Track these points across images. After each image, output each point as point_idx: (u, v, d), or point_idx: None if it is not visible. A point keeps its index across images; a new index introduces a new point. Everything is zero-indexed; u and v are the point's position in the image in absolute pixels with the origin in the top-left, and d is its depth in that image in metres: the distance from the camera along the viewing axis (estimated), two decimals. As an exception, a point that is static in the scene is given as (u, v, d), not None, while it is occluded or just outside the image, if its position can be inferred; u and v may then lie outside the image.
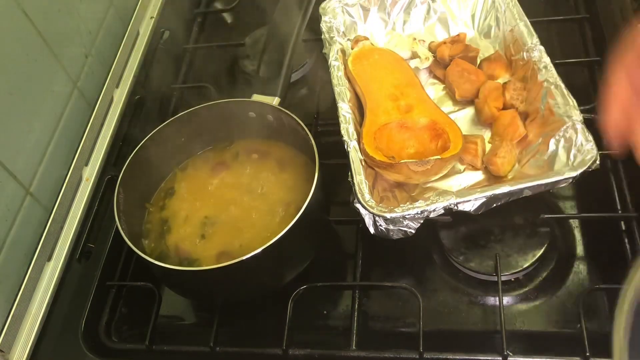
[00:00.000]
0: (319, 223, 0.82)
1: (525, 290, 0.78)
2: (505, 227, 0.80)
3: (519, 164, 0.82)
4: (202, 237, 0.80)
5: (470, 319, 0.77)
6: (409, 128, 0.85)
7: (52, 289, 0.84)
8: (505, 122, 0.84)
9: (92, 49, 1.02)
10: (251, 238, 0.78)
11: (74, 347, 0.79)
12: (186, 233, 0.81)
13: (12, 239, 0.81)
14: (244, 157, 0.88)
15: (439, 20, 1.02)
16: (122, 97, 1.05)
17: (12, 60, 0.83)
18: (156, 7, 1.19)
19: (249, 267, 0.69)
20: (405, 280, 0.80)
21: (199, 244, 0.80)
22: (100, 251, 0.86)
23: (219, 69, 1.13)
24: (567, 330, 0.74)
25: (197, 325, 0.85)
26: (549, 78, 0.82)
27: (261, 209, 0.81)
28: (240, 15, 1.23)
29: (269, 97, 0.86)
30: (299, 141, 0.81)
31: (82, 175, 0.95)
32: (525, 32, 0.89)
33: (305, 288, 0.78)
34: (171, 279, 0.78)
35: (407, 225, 0.75)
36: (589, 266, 0.79)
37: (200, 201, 0.84)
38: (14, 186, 0.82)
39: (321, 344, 0.76)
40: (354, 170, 0.78)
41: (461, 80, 0.91)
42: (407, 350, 0.72)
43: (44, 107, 0.90)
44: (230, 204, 0.83)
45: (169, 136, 0.85)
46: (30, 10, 0.86)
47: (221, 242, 0.79)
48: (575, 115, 0.77)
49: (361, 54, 0.94)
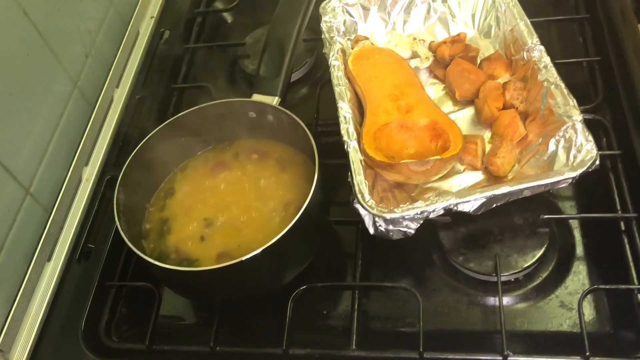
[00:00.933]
0: (319, 223, 0.82)
1: (525, 290, 0.78)
2: (505, 227, 0.80)
3: (518, 164, 0.82)
4: (202, 237, 0.80)
5: (470, 319, 0.77)
6: (409, 128, 0.85)
7: (52, 289, 0.84)
8: (505, 122, 0.84)
9: (92, 49, 1.02)
10: (251, 238, 0.78)
11: (74, 347, 0.79)
12: (186, 233, 0.81)
13: (12, 239, 0.81)
14: (244, 157, 0.88)
15: (439, 20, 1.02)
16: (122, 97, 1.05)
17: (12, 60, 0.83)
18: (156, 7, 1.19)
19: (249, 267, 0.69)
20: (405, 280, 0.80)
21: (199, 244, 0.80)
22: (100, 251, 0.86)
23: (219, 69, 1.14)
24: (567, 330, 0.74)
25: (197, 325, 0.85)
26: (549, 78, 0.82)
27: (261, 209, 0.81)
28: (240, 15, 1.23)
29: (269, 97, 0.86)
30: (299, 141, 0.81)
31: (82, 176, 0.95)
32: (526, 31, 0.89)
33: (305, 288, 0.78)
34: (171, 279, 0.78)
35: (406, 225, 0.75)
36: (589, 266, 0.79)
37: (200, 201, 0.84)
38: (14, 186, 0.82)
39: (321, 344, 0.76)
40: (354, 171, 0.78)
41: (461, 80, 0.91)
42: (407, 350, 0.72)
43: (44, 107, 0.90)
44: (230, 204, 0.83)
45: (169, 136, 0.85)
46: (30, 10, 0.86)
47: (221, 242, 0.79)
48: (575, 115, 0.77)
49: (361, 53, 0.94)
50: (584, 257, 0.79)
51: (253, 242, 0.76)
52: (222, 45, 1.17)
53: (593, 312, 0.75)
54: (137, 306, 0.85)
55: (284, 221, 0.78)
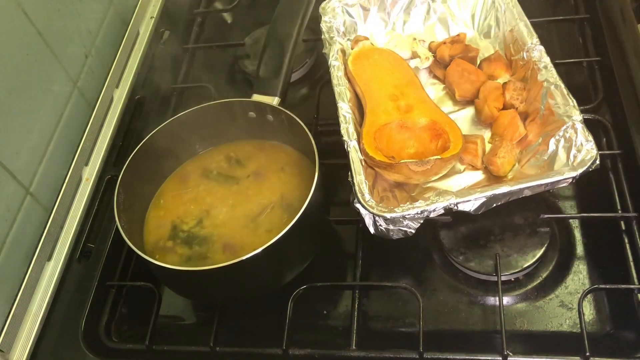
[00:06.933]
0: (319, 223, 0.82)
1: (525, 290, 0.78)
2: (505, 227, 0.80)
3: (519, 164, 0.82)
4: (202, 237, 0.80)
5: (470, 319, 0.77)
6: (409, 128, 0.85)
7: (52, 289, 0.84)
8: (505, 122, 0.84)
9: (92, 49, 1.02)
10: (251, 238, 0.78)
11: (74, 347, 0.79)
12: (186, 233, 0.81)
13: (12, 239, 0.81)
14: (244, 157, 0.88)
15: (439, 20, 1.02)
16: (122, 97, 1.05)
17: (12, 60, 0.83)
18: (156, 7, 1.19)
19: (249, 267, 0.69)
20: (405, 280, 0.80)
21: (198, 244, 0.80)
22: (100, 251, 0.86)
23: (219, 69, 1.14)
24: (567, 330, 0.74)
25: (197, 325, 0.85)
26: (549, 78, 0.82)
27: (261, 209, 0.81)
28: (240, 15, 1.23)
29: (269, 97, 0.86)
30: (299, 141, 0.81)
31: (82, 175, 0.95)
32: (525, 32, 0.89)
33: (305, 288, 0.78)
34: (171, 279, 0.78)
35: (407, 225, 0.75)
36: (589, 266, 0.79)
37: (201, 201, 0.84)
38: (14, 186, 0.82)
39: (321, 344, 0.76)
40: (354, 170, 0.78)
41: (461, 80, 0.91)
42: (407, 350, 0.72)
43: (44, 107, 0.90)
44: (230, 203, 0.83)
45: (169, 136, 0.85)
46: (30, 10, 0.86)
47: (221, 242, 0.79)
48: (575, 115, 0.77)
49: (361, 54, 0.94)
50: (584, 257, 0.80)
51: (253, 242, 0.77)
52: (222, 45, 1.17)
53: (593, 312, 0.75)
54: (137, 306, 0.85)
55: (284, 221, 0.78)
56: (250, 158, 0.88)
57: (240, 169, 0.87)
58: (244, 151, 0.89)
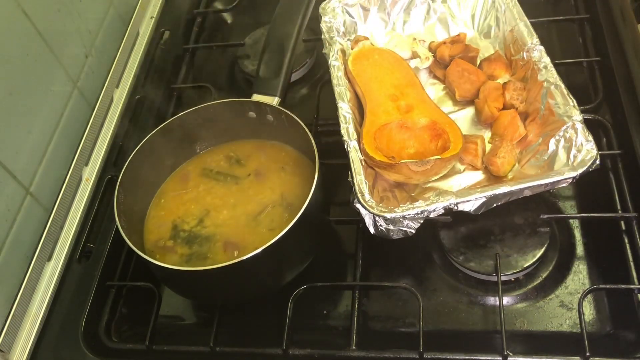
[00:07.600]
0: (319, 223, 0.82)
1: (525, 290, 0.78)
2: (505, 227, 0.80)
3: (519, 164, 0.82)
4: (204, 236, 0.80)
5: (470, 319, 0.77)
6: (409, 128, 0.85)
7: (52, 289, 0.84)
8: (505, 122, 0.84)
9: (92, 49, 1.02)
10: (252, 236, 0.78)
11: (74, 347, 0.79)
12: (187, 232, 0.81)
13: (12, 239, 0.81)
14: (244, 157, 0.88)
15: (439, 20, 1.02)
16: (122, 97, 1.05)
17: (12, 60, 0.83)
18: (156, 7, 1.19)
19: (249, 267, 0.69)
20: (405, 280, 0.80)
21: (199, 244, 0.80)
22: (100, 251, 0.86)
23: (219, 69, 1.14)
24: (567, 330, 0.74)
25: (197, 325, 0.85)
26: (549, 78, 0.82)
27: (261, 209, 0.81)
28: (240, 15, 1.23)
29: (269, 97, 0.86)
30: (299, 141, 0.81)
31: (82, 175, 0.95)
32: (525, 32, 0.89)
33: (305, 288, 0.78)
34: (171, 279, 0.78)
35: (407, 225, 0.75)
36: (589, 266, 0.79)
37: (201, 200, 0.84)
38: (14, 186, 0.82)
39: (321, 344, 0.76)
40: (354, 170, 0.78)
41: (461, 80, 0.91)
42: (407, 350, 0.72)
43: (44, 107, 0.90)
44: (230, 203, 0.83)
45: (169, 136, 0.85)
46: (30, 10, 0.86)
47: (222, 241, 0.79)
48: (575, 115, 0.77)
49: (361, 54, 0.94)
50: (584, 257, 0.80)
51: (253, 241, 0.77)
52: (222, 45, 1.17)
53: (593, 312, 0.75)
54: (137, 306, 0.85)
55: (284, 221, 0.78)
56: (250, 158, 0.88)
57: (241, 168, 0.87)
58: (244, 151, 0.89)
